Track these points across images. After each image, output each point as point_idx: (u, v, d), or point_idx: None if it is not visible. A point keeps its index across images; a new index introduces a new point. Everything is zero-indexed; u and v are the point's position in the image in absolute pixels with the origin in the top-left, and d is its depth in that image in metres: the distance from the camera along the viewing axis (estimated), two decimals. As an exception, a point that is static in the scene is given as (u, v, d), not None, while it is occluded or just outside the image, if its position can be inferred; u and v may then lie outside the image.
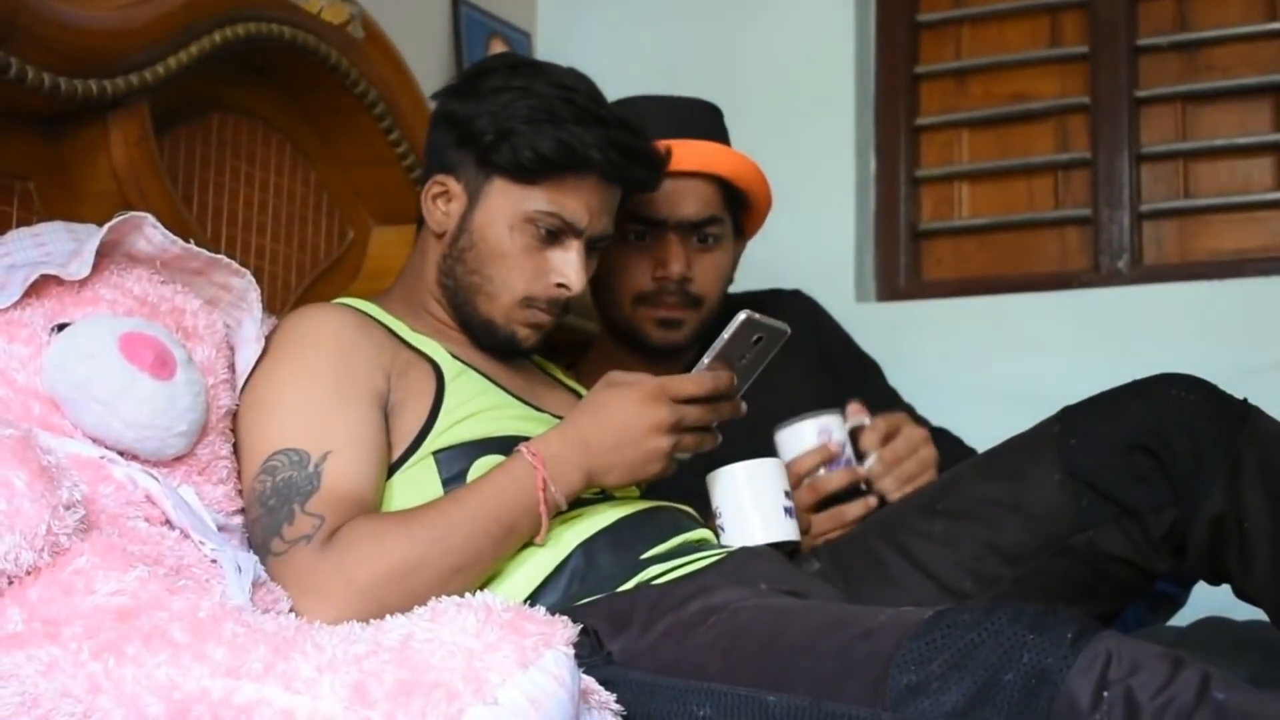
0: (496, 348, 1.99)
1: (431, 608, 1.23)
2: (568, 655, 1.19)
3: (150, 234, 1.66)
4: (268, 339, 1.81)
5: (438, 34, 3.15)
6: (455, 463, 1.80)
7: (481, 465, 1.79)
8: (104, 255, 1.64)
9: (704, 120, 2.38)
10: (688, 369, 1.82)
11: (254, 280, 1.78)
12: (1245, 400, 1.87)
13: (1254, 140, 3.10)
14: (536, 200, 1.92)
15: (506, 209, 1.94)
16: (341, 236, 2.47)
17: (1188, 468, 1.80)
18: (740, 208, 2.37)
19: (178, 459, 1.63)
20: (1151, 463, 1.82)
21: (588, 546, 1.79)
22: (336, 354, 1.81)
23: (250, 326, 1.79)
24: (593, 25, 3.51)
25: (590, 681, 1.38)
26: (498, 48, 3.31)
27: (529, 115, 1.91)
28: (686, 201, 2.27)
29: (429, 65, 3.02)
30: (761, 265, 3.26)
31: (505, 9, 3.38)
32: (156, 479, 1.54)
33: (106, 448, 1.55)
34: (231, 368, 1.76)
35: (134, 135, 1.98)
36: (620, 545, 1.80)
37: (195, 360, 1.66)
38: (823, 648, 1.48)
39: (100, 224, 1.64)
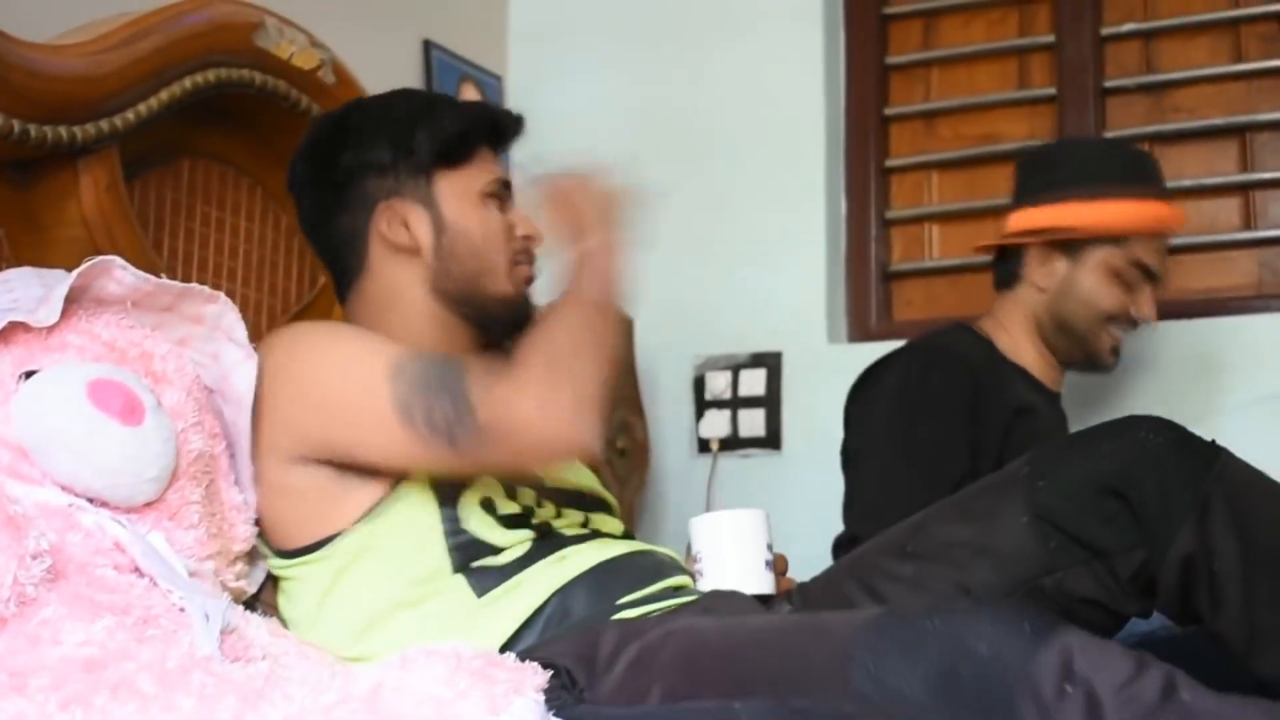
0: (513, 319, 2.01)
1: (401, 655, 1.23)
2: (538, 702, 1.19)
3: (120, 276, 1.65)
4: (275, 354, 1.86)
5: (409, 78, 3.16)
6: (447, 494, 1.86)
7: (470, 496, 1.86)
8: (72, 300, 1.63)
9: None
10: None
11: (229, 302, 1.78)
12: (1214, 442, 1.87)
13: (1220, 181, 3.12)
14: (475, 176, 2.00)
15: (462, 193, 2.00)
16: (313, 281, 2.46)
17: (1156, 509, 1.81)
18: None
19: (148, 505, 1.62)
20: (1120, 504, 1.82)
21: (564, 592, 1.80)
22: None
23: (233, 351, 1.79)
24: (564, 69, 3.52)
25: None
26: (469, 91, 3.32)
27: (411, 114, 2.00)
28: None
29: (400, 109, 3.02)
30: (733, 307, 3.28)
31: (477, 53, 3.39)
32: (125, 526, 1.53)
33: (76, 495, 1.54)
34: (203, 409, 1.75)
35: (104, 181, 1.98)
36: (598, 590, 1.81)
37: (165, 405, 1.65)
38: (782, 649, 1.49)
39: (70, 270, 1.64)
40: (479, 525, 1.84)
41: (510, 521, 1.86)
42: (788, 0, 3.37)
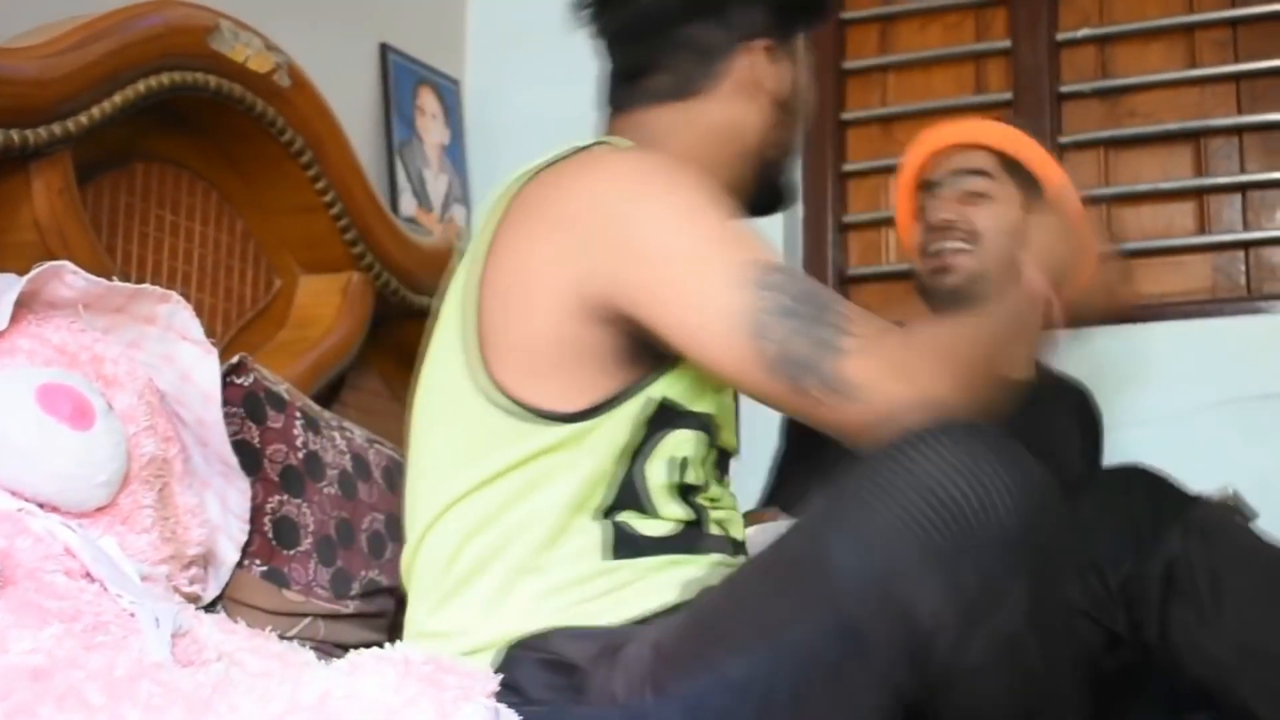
0: (775, 203, 1.94)
1: (350, 660, 1.22)
2: (488, 708, 1.18)
3: (71, 280, 1.65)
4: (593, 178, 1.68)
5: (366, 82, 3.15)
6: (654, 427, 1.68)
7: (673, 442, 1.69)
8: (22, 305, 1.63)
9: None
10: None
11: (182, 300, 1.77)
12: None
13: (1175, 185, 3.14)
14: (808, 49, 1.93)
15: (807, 62, 1.92)
16: (268, 285, 2.46)
17: (1146, 514, 1.83)
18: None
19: (100, 509, 1.61)
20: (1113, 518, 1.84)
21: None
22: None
23: (189, 349, 1.79)
24: (522, 73, 3.51)
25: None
26: (427, 96, 3.32)
27: None
28: None
29: (357, 114, 3.01)
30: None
31: (434, 57, 3.39)
32: (76, 531, 1.53)
33: (26, 500, 1.53)
34: (155, 411, 1.75)
35: (56, 185, 1.97)
36: None
37: (116, 408, 1.64)
38: (752, 592, 1.48)
39: (22, 274, 1.63)
40: (655, 474, 1.68)
41: (682, 491, 1.70)
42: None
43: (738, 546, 1.76)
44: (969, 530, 1.33)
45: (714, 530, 1.73)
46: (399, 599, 2.24)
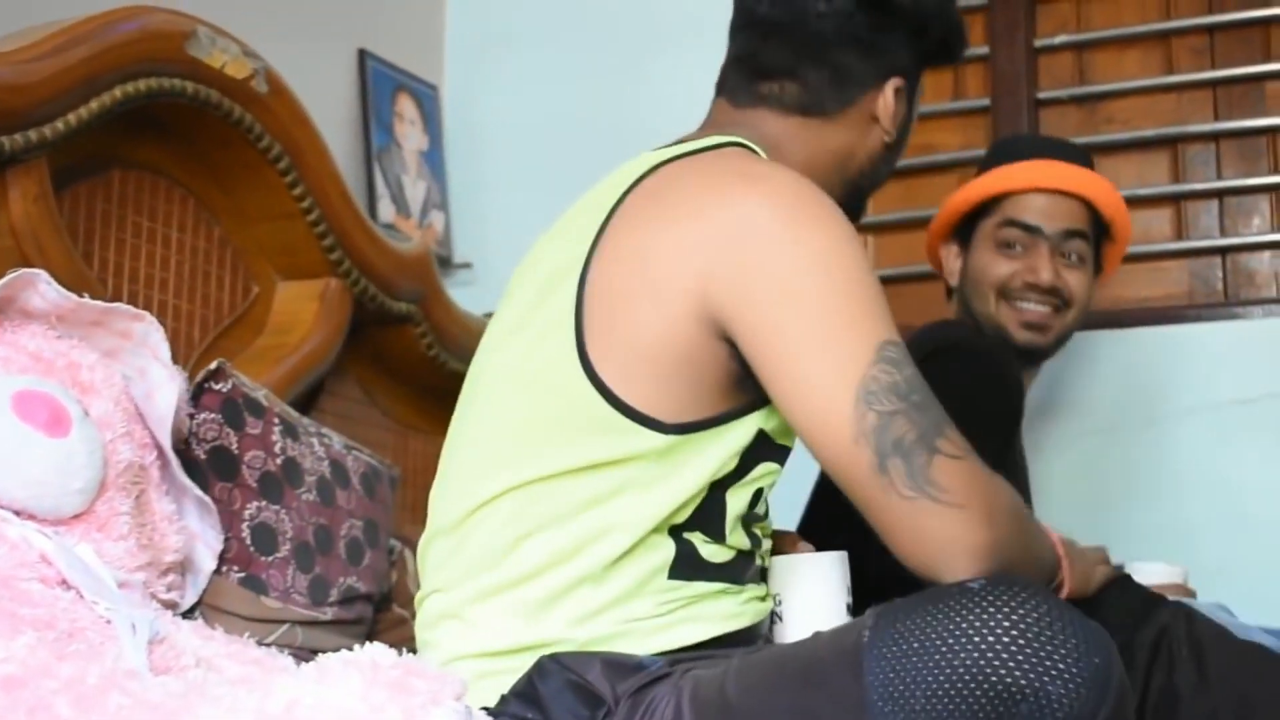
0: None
1: (318, 665, 1.22)
2: (456, 711, 1.18)
3: (44, 290, 1.64)
4: (757, 196, 1.59)
5: (344, 88, 3.15)
6: (750, 458, 1.64)
7: (760, 473, 1.66)
8: (-2, 312, 1.62)
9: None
10: None
11: (155, 321, 1.77)
12: None
13: (1153, 191, 3.15)
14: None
15: (917, 108, 1.94)
16: (245, 292, 2.45)
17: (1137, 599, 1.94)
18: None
19: (76, 516, 1.61)
20: None
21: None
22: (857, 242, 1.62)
23: (158, 370, 1.77)
24: (499, 79, 3.52)
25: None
26: (405, 102, 3.31)
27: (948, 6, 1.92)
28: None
29: (335, 120, 3.01)
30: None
31: (413, 63, 3.39)
32: (51, 538, 1.52)
33: (1, 507, 1.53)
34: (132, 418, 1.74)
35: (32, 191, 1.96)
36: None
37: (92, 415, 1.64)
38: (788, 702, 1.42)
39: (-3, 281, 1.63)
40: (735, 502, 1.65)
41: (747, 520, 1.68)
42: (724, 8, 3.38)
43: (764, 573, 1.75)
44: (1020, 717, 1.29)
45: (759, 561, 1.72)
46: (377, 606, 2.24)
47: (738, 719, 1.43)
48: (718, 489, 1.63)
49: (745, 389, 1.60)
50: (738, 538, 1.66)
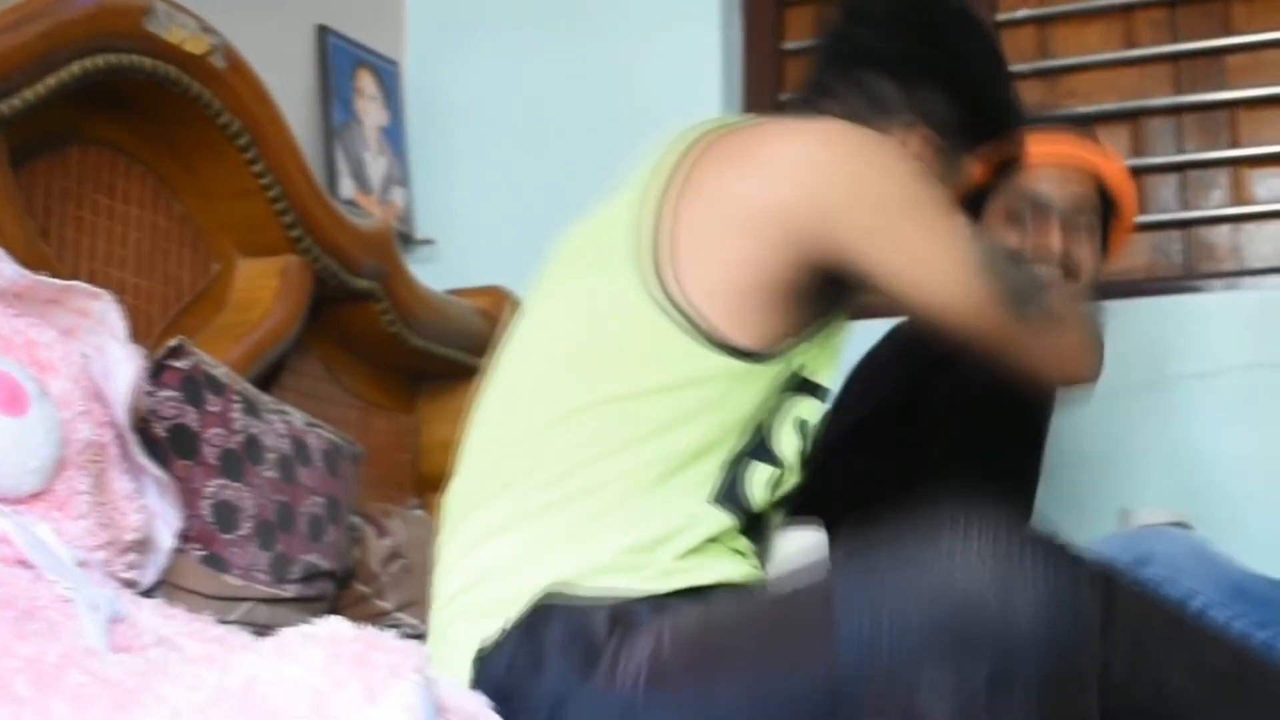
0: None
1: (278, 640, 1.21)
2: (415, 684, 1.18)
3: (1, 268, 1.63)
4: (811, 143, 1.72)
5: (303, 64, 3.14)
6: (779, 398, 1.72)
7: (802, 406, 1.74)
8: (-46, 290, 1.61)
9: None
10: None
11: (112, 300, 1.76)
12: None
13: (1113, 165, 3.16)
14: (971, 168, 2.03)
15: (953, 181, 1.96)
16: (206, 269, 2.44)
17: None
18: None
19: (35, 495, 1.60)
20: None
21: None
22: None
23: (116, 348, 1.77)
24: (461, 55, 3.51)
25: (455, 700, 1.37)
26: (365, 78, 3.30)
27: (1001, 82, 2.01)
28: None
29: (295, 95, 3.00)
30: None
31: (373, 39, 3.37)
32: (9, 517, 1.52)
33: (-41, 487, 1.52)
34: (91, 397, 1.73)
35: (-11, 168, 1.95)
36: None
37: (51, 394, 1.63)
38: (758, 625, 1.47)
39: (-46, 259, 1.62)
40: (783, 435, 1.72)
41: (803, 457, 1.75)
42: (685, -13, 3.39)
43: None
44: (984, 628, 1.31)
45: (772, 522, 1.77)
46: (339, 583, 2.24)
47: (712, 637, 1.47)
48: (766, 419, 1.70)
49: (807, 315, 1.71)
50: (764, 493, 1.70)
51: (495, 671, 1.54)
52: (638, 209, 1.73)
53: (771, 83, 3.39)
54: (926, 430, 2.34)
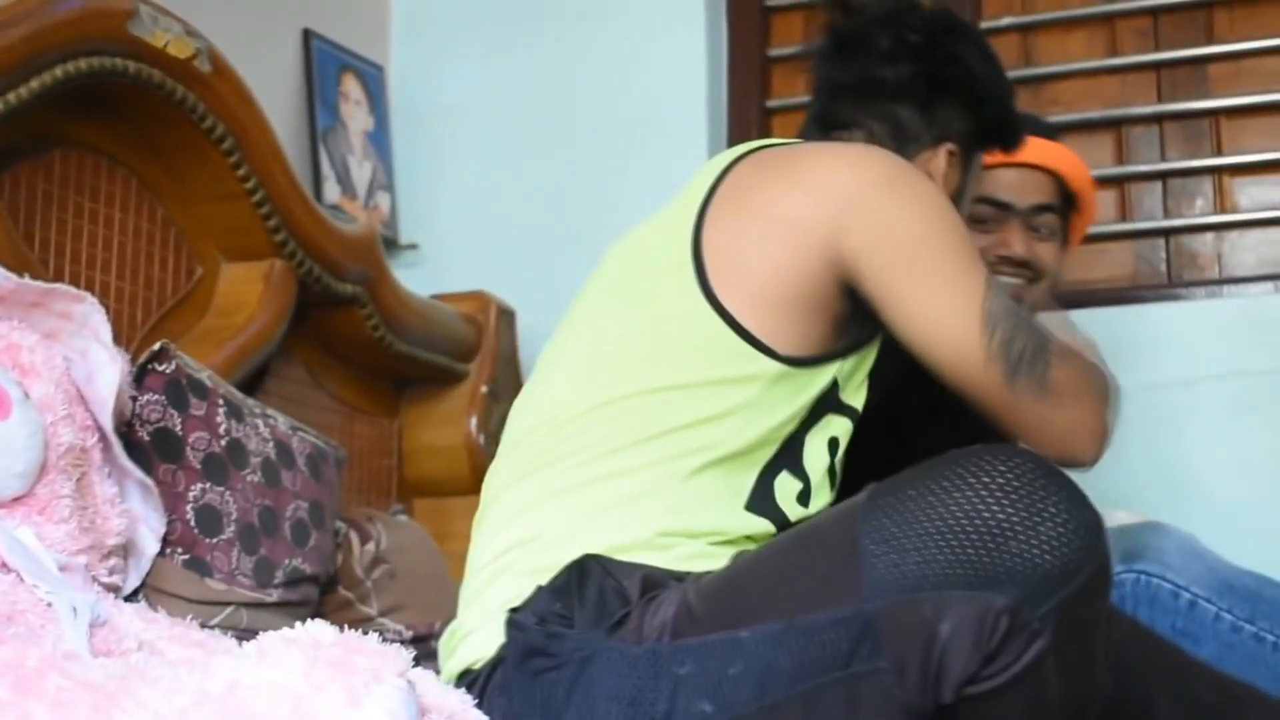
0: None
1: (259, 644, 1.21)
2: (398, 688, 1.17)
3: (-17, 272, 1.63)
4: (856, 163, 1.76)
5: (289, 67, 3.13)
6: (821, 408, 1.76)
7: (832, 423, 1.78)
8: (-63, 294, 1.61)
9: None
10: None
11: (96, 303, 1.75)
12: None
13: (1097, 173, 3.14)
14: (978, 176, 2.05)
15: (977, 176, 2.02)
16: (189, 273, 2.44)
17: None
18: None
19: (16, 499, 1.60)
20: None
21: None
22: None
23: (99, 351, 1.76)
24: (447, 59, 3.51)
25: (437, 698, 1.37)
26: (351, 82, 3.30)
27: (1006, 90, 2.04)
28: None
29: (280, 100, 3.00)
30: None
31: (358, 43, 3.37)
32: (-11, 521, 1.51)
33: (-60, 490, 1.52)
34: (73, 401, 1.73)
35: (-29, 172, 1.95)
36: None
37: (33, 398, 1.63)
38: (784, 567, 1.48)
39: (-64, 263, 1.61)
40: (814, 451, 1.76)
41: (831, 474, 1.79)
42: (667, -11, 3.39)
43: None
44: (1008, 556, 1.34)
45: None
46: (323, 587, 2.23)
47: (737, 582, 1.51)
48: (799, 432, 1.74)
49: (842, 334, 1.75)
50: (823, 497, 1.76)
51: (526, 624, 1.56)
52: (683, 217, 1.77)
53: (757, 88, 3.39)
54: (907, 435, 2.35)
